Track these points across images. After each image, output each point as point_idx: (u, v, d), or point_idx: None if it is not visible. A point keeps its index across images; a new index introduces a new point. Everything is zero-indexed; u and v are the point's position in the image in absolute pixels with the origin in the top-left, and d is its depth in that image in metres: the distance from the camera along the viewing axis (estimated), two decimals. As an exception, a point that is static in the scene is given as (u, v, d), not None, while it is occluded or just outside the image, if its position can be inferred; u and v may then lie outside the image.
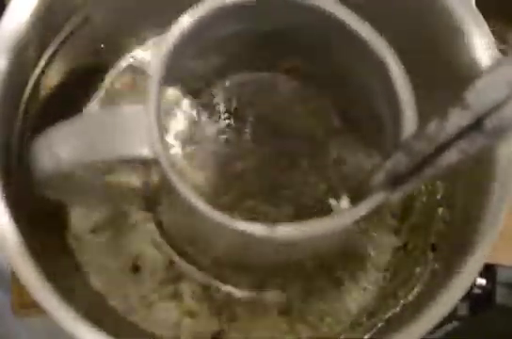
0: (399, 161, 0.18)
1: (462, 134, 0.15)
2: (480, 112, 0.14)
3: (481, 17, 0.24)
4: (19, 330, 0.36)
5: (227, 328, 0.29)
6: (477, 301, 0.31)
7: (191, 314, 0.29)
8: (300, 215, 0.30)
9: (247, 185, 0.31)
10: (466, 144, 0.15)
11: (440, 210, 0.27)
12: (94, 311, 0.27)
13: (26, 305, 0.32)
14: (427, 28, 0.26)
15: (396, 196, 0.19)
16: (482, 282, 0.30)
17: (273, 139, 0.31)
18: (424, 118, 0.20)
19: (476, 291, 0.30)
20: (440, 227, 0.27)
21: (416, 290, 0.26)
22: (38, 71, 0.25)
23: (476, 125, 0.15)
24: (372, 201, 0.20)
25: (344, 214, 0.20)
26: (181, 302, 0.29)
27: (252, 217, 0.30)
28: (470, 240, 0.23)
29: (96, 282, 0.29)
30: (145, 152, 0.20)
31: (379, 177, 0.19)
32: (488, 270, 0.30)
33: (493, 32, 0.24)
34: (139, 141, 0.20)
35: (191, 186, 0.20)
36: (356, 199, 0.21)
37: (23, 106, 0.24)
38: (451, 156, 0.16)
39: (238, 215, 0.30)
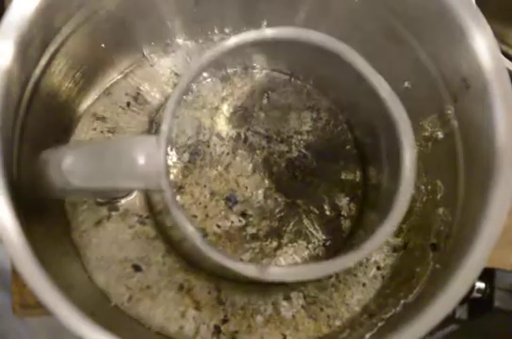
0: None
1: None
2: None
3: (482, 17, 0.24)
4: (19, 330, 0.36)
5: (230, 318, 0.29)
6: (476, 305, 0.31)
7: (196, 306, 0.29)
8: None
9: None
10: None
11: (440, 210, 0.27)
12: (97, 308, 0.27)
13: (27, 305, 0.32)
14: (428, 29, 0.26)
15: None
16: (481, 285, 0.30)
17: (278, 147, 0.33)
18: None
19: (475, 295, 0.30)
20: (440, 227, 0.27)
21: (416, 290, 0.26)
22: (38, 70, 0.25)
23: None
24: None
25: (335, 262, 0.22)
26: (187, 294, 0.29)
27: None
28: (470, 240, 0.23)
29: (99, 276, 0.29)
30: (151, 184, 0.21)
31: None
32: (487, 274, 0.30)
33: (493, 32, 0.24)
34: (147, 174, 0.21)
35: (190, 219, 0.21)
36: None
37: (23, 106, 0.24)
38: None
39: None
